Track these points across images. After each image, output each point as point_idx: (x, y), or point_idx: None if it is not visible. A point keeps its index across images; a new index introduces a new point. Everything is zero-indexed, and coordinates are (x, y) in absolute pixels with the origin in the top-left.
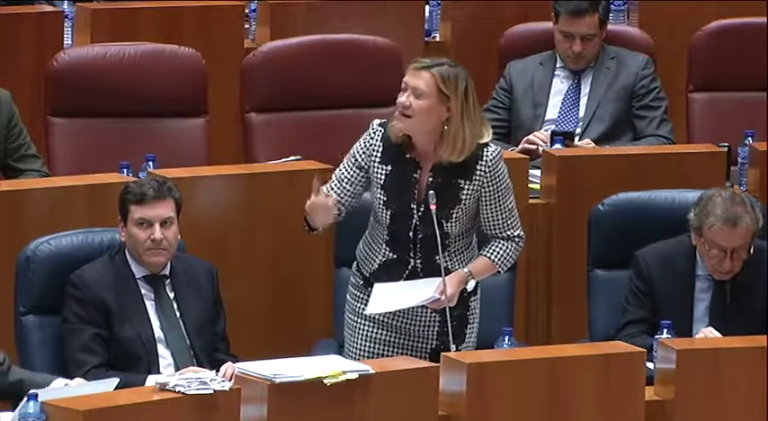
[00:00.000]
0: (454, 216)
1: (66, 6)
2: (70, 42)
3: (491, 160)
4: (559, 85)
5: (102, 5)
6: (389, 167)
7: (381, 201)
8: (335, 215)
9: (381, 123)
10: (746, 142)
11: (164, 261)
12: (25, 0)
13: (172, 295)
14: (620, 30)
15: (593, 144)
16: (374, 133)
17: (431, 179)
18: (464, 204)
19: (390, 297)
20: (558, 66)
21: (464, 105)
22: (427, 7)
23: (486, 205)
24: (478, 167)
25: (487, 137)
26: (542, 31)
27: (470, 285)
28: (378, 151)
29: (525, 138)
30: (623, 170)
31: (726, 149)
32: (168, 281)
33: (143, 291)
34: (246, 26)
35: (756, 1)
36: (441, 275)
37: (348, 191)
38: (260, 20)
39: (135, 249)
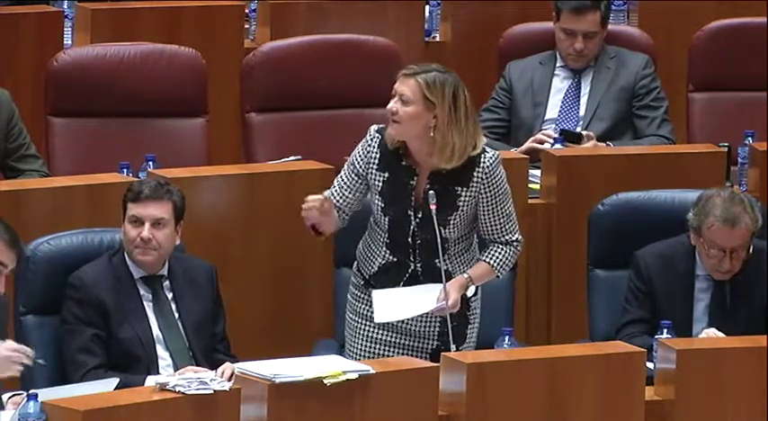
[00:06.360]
0: (452, 222)
1: (66, 6)
2: (70, 42)
3: (488, 166)
4: (559, 85)
5: (102, 5)
6: (386, 174)
7: (379, 208)
8: (342, 219)
9: (379, 129)
10: (746, 142)
11: (152, 261)
12: (25, 0)
13: (170, 295)
14: (620, 30)
15: (594, 140)
16: (371, 140)
17: (428, 186)
18: (462, 211)
19: (395, 304)
20: (558, 65)
21: (451, 112)
22: (427, 7)
23: (485, 211)
24: (475, 174)
25: (480, 146)
26: (542, 30)
27: (470, 291)
28: (375, 158)
29: (533, 137)
30: (623, 170)
31: (726, 149)
32: (166, 281)
33: (141, 292)
34: (246, 26)
35: (756, 1)
36: (441, 278)
37: (348, 197)
38: (260, 20)
39: (127, 247)
